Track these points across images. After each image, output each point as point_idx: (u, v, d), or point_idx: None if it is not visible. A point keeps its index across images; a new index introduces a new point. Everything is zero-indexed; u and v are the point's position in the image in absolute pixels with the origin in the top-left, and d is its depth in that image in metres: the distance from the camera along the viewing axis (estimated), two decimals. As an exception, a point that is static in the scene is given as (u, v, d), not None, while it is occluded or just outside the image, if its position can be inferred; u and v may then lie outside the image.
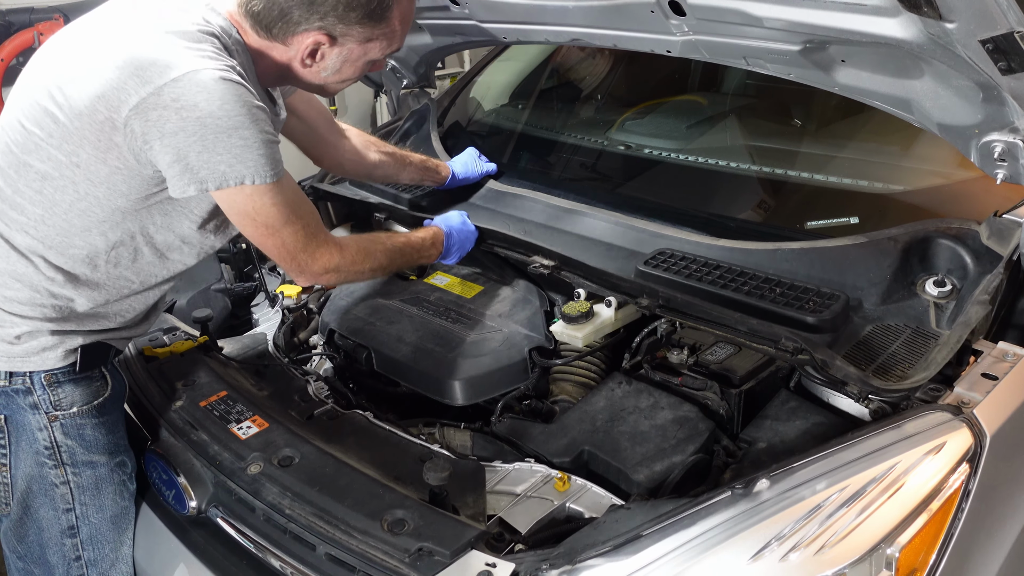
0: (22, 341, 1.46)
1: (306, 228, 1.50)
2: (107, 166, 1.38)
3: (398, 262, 1.77)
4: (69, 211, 1.42)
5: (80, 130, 1.36)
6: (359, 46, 1.49)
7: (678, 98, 2.65)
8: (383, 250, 1.70)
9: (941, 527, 1.19)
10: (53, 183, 1.41)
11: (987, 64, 1.26)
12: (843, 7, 1.36)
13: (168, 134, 1.32)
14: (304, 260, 1.53)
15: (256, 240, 1.49)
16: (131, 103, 1.31)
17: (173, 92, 1.31)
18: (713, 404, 1.57)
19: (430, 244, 1.85)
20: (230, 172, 1.36)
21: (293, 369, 1.84)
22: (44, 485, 1.53)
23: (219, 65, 1.35)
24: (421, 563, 1.26)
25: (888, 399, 1.39)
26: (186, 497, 1.54)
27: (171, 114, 1.31)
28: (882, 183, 1.99)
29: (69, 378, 1.50)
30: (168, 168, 1.36)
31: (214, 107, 1.31)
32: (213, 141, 1.32)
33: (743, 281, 1.66)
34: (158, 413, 1.67)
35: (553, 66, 2.81)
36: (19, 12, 3.82)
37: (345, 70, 1.54)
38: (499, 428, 1.62)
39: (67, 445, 1.51)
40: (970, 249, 1.62)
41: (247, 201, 1.42)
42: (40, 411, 1.49)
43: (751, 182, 2.14)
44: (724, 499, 1.20)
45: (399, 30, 1.51)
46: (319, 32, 1.43)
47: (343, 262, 1.59)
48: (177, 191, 1.39)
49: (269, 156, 1.39)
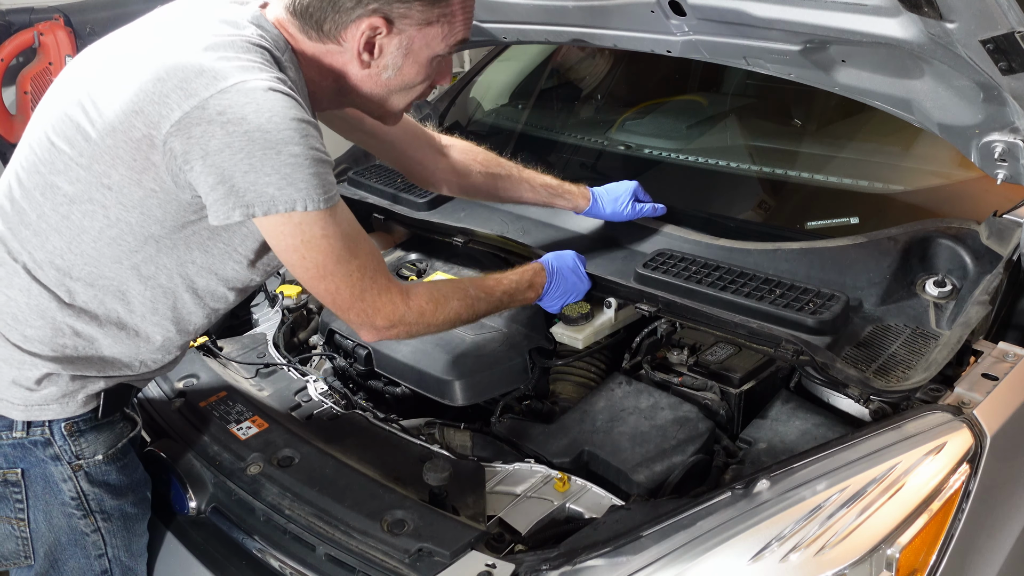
0: (41, 386, 1.34)
1: (363, 270, 1.32)
2: (142, 188, 1.25)
3: (481, 309, 1.53)
4: (98, 239, 1.29)
5: (113, 148, 1.23)
6: (419, 32, 1.33)
7: (678, 98, 2.65)
8: (461, 297, 1.49)
9: (941, 527, 1.19)
10: (81, 207, 1.27)
11: (987, 64, 1.26)
12: (843, 7, 1.36)
13: (212, 152, 1.18)
14: (364, 311, 1.34)
15: (307, 283, 1.32)
16: (173, 118, 1.18)
17: (219, 104, 1.18)
18: (713, 404, 1.57)
19: (526, 286, 1.62)
20: (279, 196, 1.20)
21: (293, 369, 1.84)
22: (74, 535, 1.43)
23: (269, 76, 1.23)
24: (421, 564, 1.26)
25: (888, 400, 1.39)
26: (186, 498, 1.54)
27: (216, 129, 1.17)
28: (882, 183, 1.99)
29: (91, 425, 1.39)
30: (211, 191, 1.21)
31: (263, 119, 1.18)
32: (261, 159, 1.18)
33: (743, 282, 1.66)
34: (158, 413, 1.67)
35: (553, 66, 2.81)
36: (19, 12, 3.82)
37: (408, 69, 1.37)
38: (499, 428, 1.62)
39: (94, 493, 1.41)
40: (970, 249, 1.62)
41: (296, 231, 1.25)
42: (62, 462, 1.38)
43: (751, 182, 2.14)
44: (724, 499, 1.21)
45: (460, 15, 1.36)
46: (374, 15, 1.29)
47: (409, 314, 1.38)
48: (220, 217, 1.23)
49: (321, 178, 1.23)
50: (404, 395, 1.80)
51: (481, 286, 1.54)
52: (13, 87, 3.93)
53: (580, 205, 1.93)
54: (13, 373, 1.34)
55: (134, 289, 1.34)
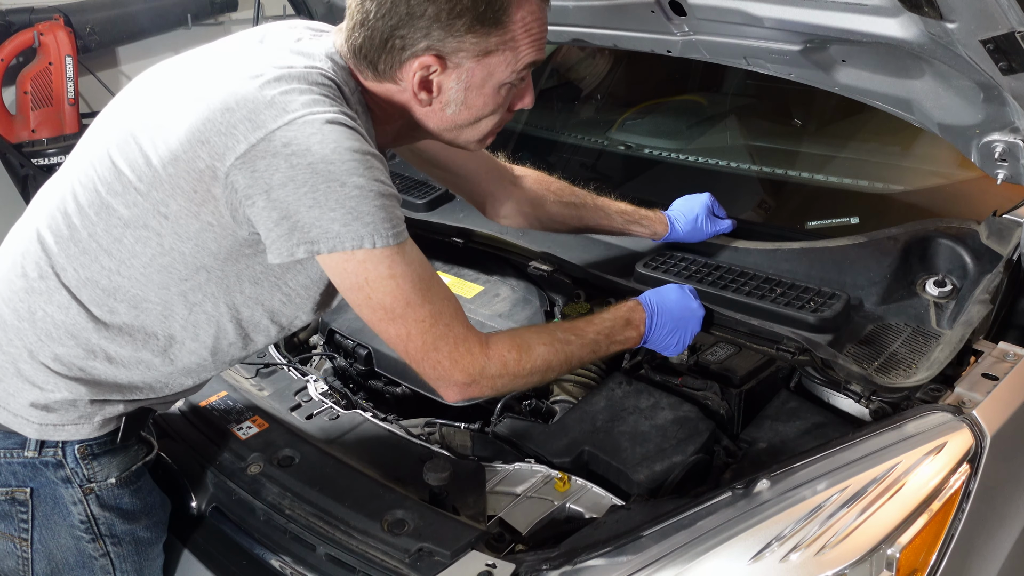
0: (59, 407, 1.30)
1: (437, 316, 1.23)
2: (199, 221, 1.20)
3: (575, 354, 1.39)
4: (149, 265, 1.24)
5: (174, 177, 1.18)
6: (477, 64, 1.25)
7: (678, 98, 2.66)
8: (547, 341, 1.35)
9: (942, 528, 1.19)
10: (135, 232, 1.22)
11: (988, 64, 1.26)
12: (843, 7, 1.36)
13: (276, 186, 1.13)
14: (440, 362, 1.24)
15: (375, 326, 1.24)
16: (239, 150, 1.14)
17: (285, 136, 1.13)
18: (713, 404, 1.57)
19: (622, 324, 1.46)
20: (345, 232, 1.14)
21: (293, 369, 1.84)
22: (82, 558, 1.39)
23: (334, 109, 1.18)
24: (421, 563, 1.26)
25: (889, 399, 1.39)
26: (186, 498, 1.54)
27: (280, 162, 1.12)
28: (882, 183, 2.00)
29: (105, 449, 1.35)
30: (273, 229, 1.16)
31: (327, 151, 1.13)
32: (325, 192, 1.13)
33: (743, 282, 1.66)
34: (158, 413, 1.67)
35: (553, 66, 2.81)
36: (19, 12, 3.83)
37: (473, 101, 1.29)
38: (499, 428, 1.62)
39: (104, 517, 1.37)
40: (970, 249, 1.62)
41: (360, 270, 1.18)
42: (73, 484, 1.34)
43: (751, 182, 2.15)
44: (724, 499, 1.21)
45: (523, 38, 1.25)
46: (426, 54, 1.22)
47: (490, 365, 1.27)
48: (283, 254, 1.17)
49: (388, 211, 1.17)
50: (404, 395, 1.80)
51: (570, 328, 1.42)
52: (13, 87, 3.94)
53: (658, 232, 1.84)
54: (35, 393, 1.30)
55: (178, 314, 1.29)
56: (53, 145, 3.88)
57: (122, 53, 4.32)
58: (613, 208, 1.82)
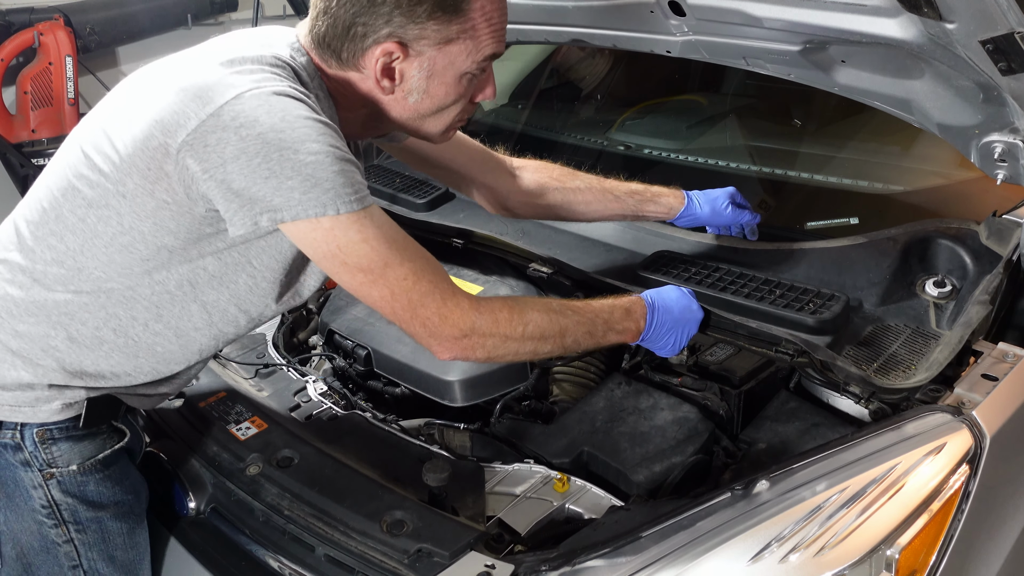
0: (16, 387, 1.31)
1: (419, 274, 1.22)
2: (154, 199, 1.22)
3: (569, 328, 1.36)
4: (111, 244, 1.26)
5: (131, 156, 1.21)
6: (439, 52, 1.27)
7: (678, 98, 2.66)
8: (542, 310, 1.34)
9: (941, 528, 1.18)
10: (97, 212, 1.25)
11: (987, 65, 1.26)
12: (843, 7, 1.36)
13: (229, 160, 1.14)
14: (428, 319, 1.24)
15: (359, 293, 1.24)
16: (190, 126, 1.16)
17: (233, 110, 1.15)
18: (713, 405, 1.57)
19: (621, 314, 1.44)
20: (306, 199, 1.15)
21: (292, 369, 1.84)
22: (45, 543, 1.38)
23: (284, 84, 1.21)
24: (420, 564, 1.26)
25: (890, 399, 1.39)
26: (185, 498, 1.54)
27: (230, 135, 1.14)
28: (882, 183, 2.00)
29: (66, 435, 1.34)
30: (232, 202, 1.17)
31: (275, 119, 1.14)
32: (279, 162, 1.13)
33: (743, 283, 1.66)
34: (156, 413, 1.67)
35: (553, 66, 2.81)
36: (19, 12, 3.83)
37: (435, 90, 1.30)
38: (498, 429, 1.62)
39: (67, 503, 1.36)
40: (970, 249, 1.62)
41: (328, 238, 1.18)
42: (33, 468, 1.33)
43: (751, 182, 2.14)
44: (724, 500, 1.21)
45: (483, 27, 1.27)
46: (388, 40, 1.24)
47: (482, 320, 1.26)
48: (245, 224, 1.18)
49: (348, 176, 1.17)
50: (404, 395, 1.80)
51: (566, 303, 1.41)
52: (13, 87, 3.94)
53: (675, 207, 1.78)
54: None
55: (142, 294, 1.31)
56: (53, 145, 3.87)
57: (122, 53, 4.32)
58: (622, 189, 1.78)
